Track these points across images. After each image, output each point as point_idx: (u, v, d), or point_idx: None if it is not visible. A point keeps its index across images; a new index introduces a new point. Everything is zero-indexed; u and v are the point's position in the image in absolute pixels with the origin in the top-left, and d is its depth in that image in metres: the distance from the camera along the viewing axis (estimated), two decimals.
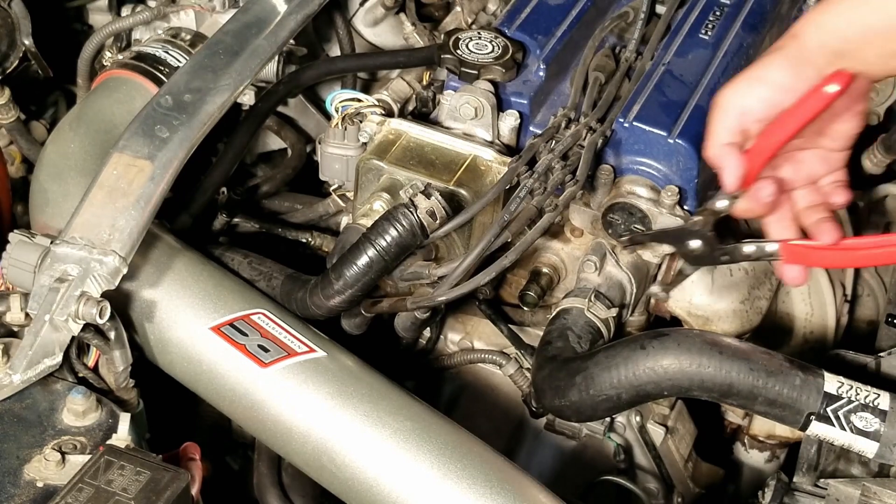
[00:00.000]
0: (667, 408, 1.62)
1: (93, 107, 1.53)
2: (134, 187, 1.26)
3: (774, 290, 1.59)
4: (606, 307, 1.40)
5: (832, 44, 1.12)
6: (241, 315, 1.30)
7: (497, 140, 1.47)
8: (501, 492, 1.19)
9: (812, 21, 1.15)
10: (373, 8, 1.79)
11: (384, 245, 1.28)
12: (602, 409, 1.26)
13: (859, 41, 1.11)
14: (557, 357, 1.32)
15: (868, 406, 1.17)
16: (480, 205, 1.32)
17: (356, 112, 1.50)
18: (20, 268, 1.23)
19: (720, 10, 1.63)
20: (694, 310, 1.51)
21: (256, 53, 1.45)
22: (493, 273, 1.28)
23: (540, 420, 1.59)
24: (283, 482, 1.39)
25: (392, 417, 1.23)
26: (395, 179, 1.40)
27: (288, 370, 1.26)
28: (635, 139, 1.43)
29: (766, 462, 1.74)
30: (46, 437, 1.14)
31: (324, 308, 1.33)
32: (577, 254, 1.49)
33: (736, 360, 1.19)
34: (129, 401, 1.24)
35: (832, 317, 1.70)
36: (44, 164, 1.45)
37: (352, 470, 1.23)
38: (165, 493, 1.06)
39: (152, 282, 1.30)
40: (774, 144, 1.15)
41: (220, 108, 1.38)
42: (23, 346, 1.18)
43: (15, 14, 1.70)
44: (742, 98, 1.16)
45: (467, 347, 1.61)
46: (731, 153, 1.16)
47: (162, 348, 1.30)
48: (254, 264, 1.44)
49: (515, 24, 1.55)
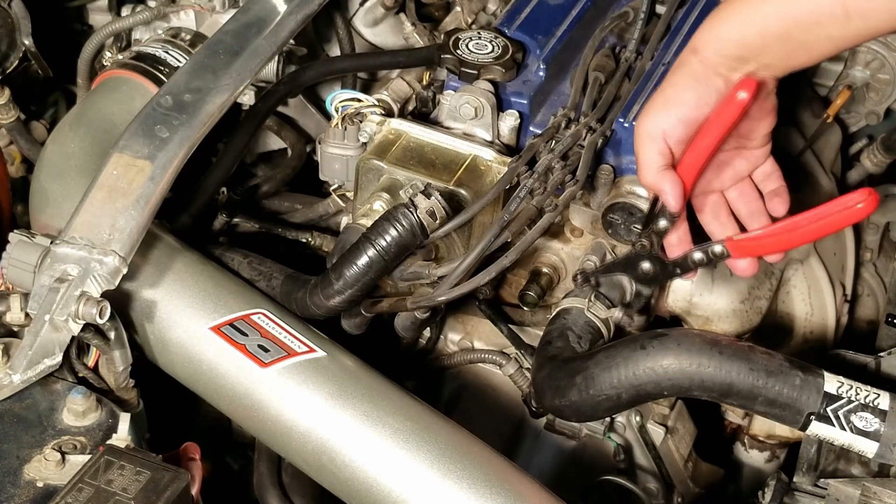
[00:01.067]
0: (667, 408, 1.62)
1: (93, 107, 1.53)
2: (134, 187, 1.26)
3: (774, 290, 1.59)
4: (606, 307, 1.40)
5: (732, 52, 1.15)
6: (240, 315, 1.30)
7: (497, 140, 1.47)
8: (501, 492, 1.19)
9: (709, 32, 1.17)
10: (373, 8, 1.79)
11: (384, 245, 1.28)
12: (602, 409, 1.26)
13: (759, 46, 1.14)
14: (557, 357, 1.32)
15: (868, 406, 1.17)
16: (480, 205, 1.32)
17: (356, 112, 1.50)
18: (20, 268, 1.23)
19: None
20: (694, 309, 1.51)
21: (256, 53, 1.45)
22: (493, 273, 1.28)
23: (540, 420, 1.59)
24: (283, 482, 1.39)
25: (392, 417, 1.23)
26: (395, 179, 1.40)
27: (288, 370, 1.26)
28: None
29: (766, 462, 1.74)
30: (46, 437, 1.14)
31: (324, 308, 1.33)
32: (577, 254, 1.50)
33: (736, 360, 1.20)
34: (129, 401, 1.24)
35: (832, 317, 1.70)
36: (44, 164, 1.45)
37: (352, 470, 1.23)
38: (165, 493, 1.06)
39: (152, 282, 1.30)
40: (701, 158, 1.19)
41: (220, 108, 1.38)
42: (23, 346, 1.18)
43: (15, 14, 1.70)
44: (661, 122, 1.18)
45: (467, 347, 1.61)
46: (667, 176, 1.19)
47: (162, 348, 1.30)
48: (254, 264, 1.44)
49: (515, 24, 1.55)
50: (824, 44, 1.12)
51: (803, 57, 1.14)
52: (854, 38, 1.11)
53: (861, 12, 1.08)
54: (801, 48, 1.13)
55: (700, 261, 1.24)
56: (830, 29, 1.10)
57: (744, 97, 1.14)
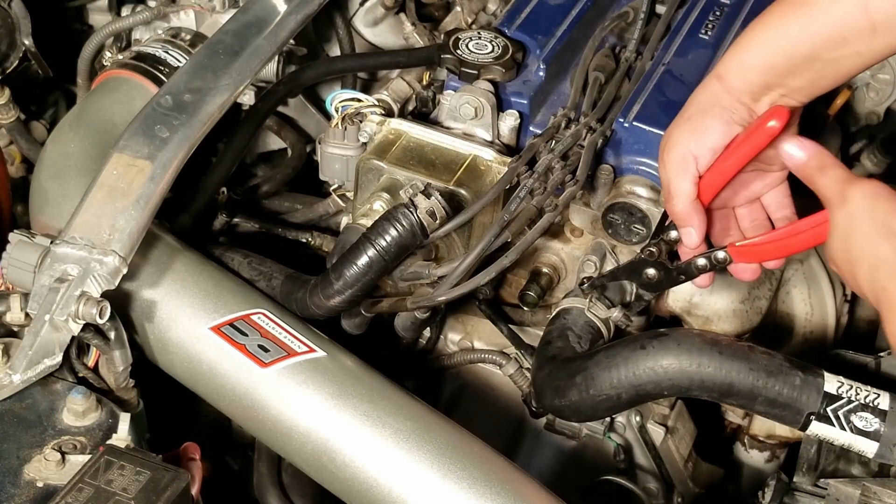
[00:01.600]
0: (667, 408, 1.62)
1: (93, 107, 1.53)
2: (134, 187, 1.26)
3: (774, 290, 1.59)
4: (606, 307, 1.39)
5: (757, 79, 1.14)
6: (240, 315, 1.30)
7: (497, 140, 1.47)
8: (501, 492, 1.19)
9: (733, 59, 1.16)
10: (373, 8, 1.79)
11: (384, 245, 1.28)
12: (602, 409, 1.26)
13: (784, 69, 1.13)
14: (557, 357, 1.32)
15: (868, 406, 1.17)
16: (480, 205, 1.32)
17: (356, 112, 1.50)
18: (20, 268, 1.23)
19: (720, 10, 1.63)
20: (694, 309, 1.51)
21: (256, 53, 1.45)
22: (493, 273, 1.28)
23: (540, 420, 1.59)
24: (283, 482, 1.39)
25: (392, 417, 1.23)
26: (395, 179, 1.40)
27: (288, 370, 1.26)
28: (635, 139, 1.43)
29: (766, 462, 1.74)
30: (46, 437, 1.14)
31: (324, 308, 1.33)
32: (577, 254, 1.49)
33: (736, 360, 1.20)
34: (129, 401, 1.24)
35: (832, 317, 1.70)
36: (44, 164, 1.45)
37: (352, 470, 1.23)
38: (165, 493, 1.05)
39: (152, 282, 1.30)
40: (721, 180, 1.19)
41: (220, 108, 1.38)
42: (23, 346, 1.18)
43: (15, 14, 1.70)
44: (693, 149, 1.18)
45: (467, 347, 1.61)
46: (696, 214, 1.19)
47: (162, 348, 1.30)
48: (254, 264, 1.44)
49: (515, 24, 1.55)
50: (852, 61, 1.10)
51: (830, 78, 1.13)
52: (882, 52, 1.10)
53: (888, 25, 1.07)
54: (828, 68, 1.11)
55: (704, 266, 1.25)
56: (857, 45, 1.09)
57: (774, 125, 1.13)
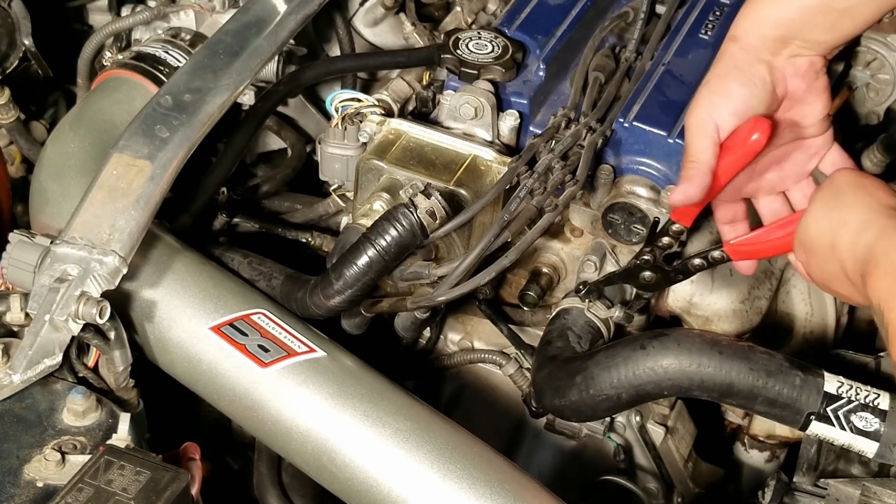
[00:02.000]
0: (667, 408, 1.62)
1: (93, 107, 1.53)
2: (134, 187, 1.26)
3: (774, 290, 1.59)
4: (606, 307, 1.40)
5: (773, 33, 1.13)
6: (240, 315, 1.30)
7: (497, 140, 1.47)
8: (501, 492, 1.19)
9: (746, 18, 1.15)
10: (373, 8, 1.79)
11: (384, 245, 1.28)
12: (602, 409, 1.26)
13: (799, 22, 1.11)
14: (557, 357, 1.32)
15: (868, 406, 1.17)
16: (480, 205, 1.32)
17: (356, 112, 1.50)
18: (20, 268, 1.23)
19: (720, 10, 1.63)
20: (694, 309, 1.51)
21: (256, 53, 1.45)
22: (493, 273, 1.28)
23: (540, 420, 1.59)
24: (283, 482, 1.39)
25: (392, 417, 1.23)
26: (395, 179, 1.40)
27: (288, 370, 1.26)
28: (635, 139, 1.43)
29: (766, 462, 1.74)
30: (46, 437, 1.14)
31: (324, 308, 1.33)
32: (577, 254, 1.49)
33: (736, 360, 1.20)
34: (129, 401, 1.24)
35: (832, 317, 1.70)
36: (44, 164, 1.45)
37: (352, 470, 1.23)
38: (165, 493, 1.06)
39: (152, 282, 1.30)
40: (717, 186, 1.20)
41: (220, 108, 1.38)
42: (23, 346, 1.18)
43: (15, 14, 1.69)
44: (714, 114, 1.16)
45: (467, 347, 1.61)
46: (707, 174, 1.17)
47: (162, 348, 1.30)
48: (254, 264, 1.44)
49: (515, 24, 1.55)
50: (868, 7, 1.08)
51: (846, 28, 1.11)
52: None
53: None
54: (843, 17, 1.10)
55: (700, 266, 1.25)
56: None
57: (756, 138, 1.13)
